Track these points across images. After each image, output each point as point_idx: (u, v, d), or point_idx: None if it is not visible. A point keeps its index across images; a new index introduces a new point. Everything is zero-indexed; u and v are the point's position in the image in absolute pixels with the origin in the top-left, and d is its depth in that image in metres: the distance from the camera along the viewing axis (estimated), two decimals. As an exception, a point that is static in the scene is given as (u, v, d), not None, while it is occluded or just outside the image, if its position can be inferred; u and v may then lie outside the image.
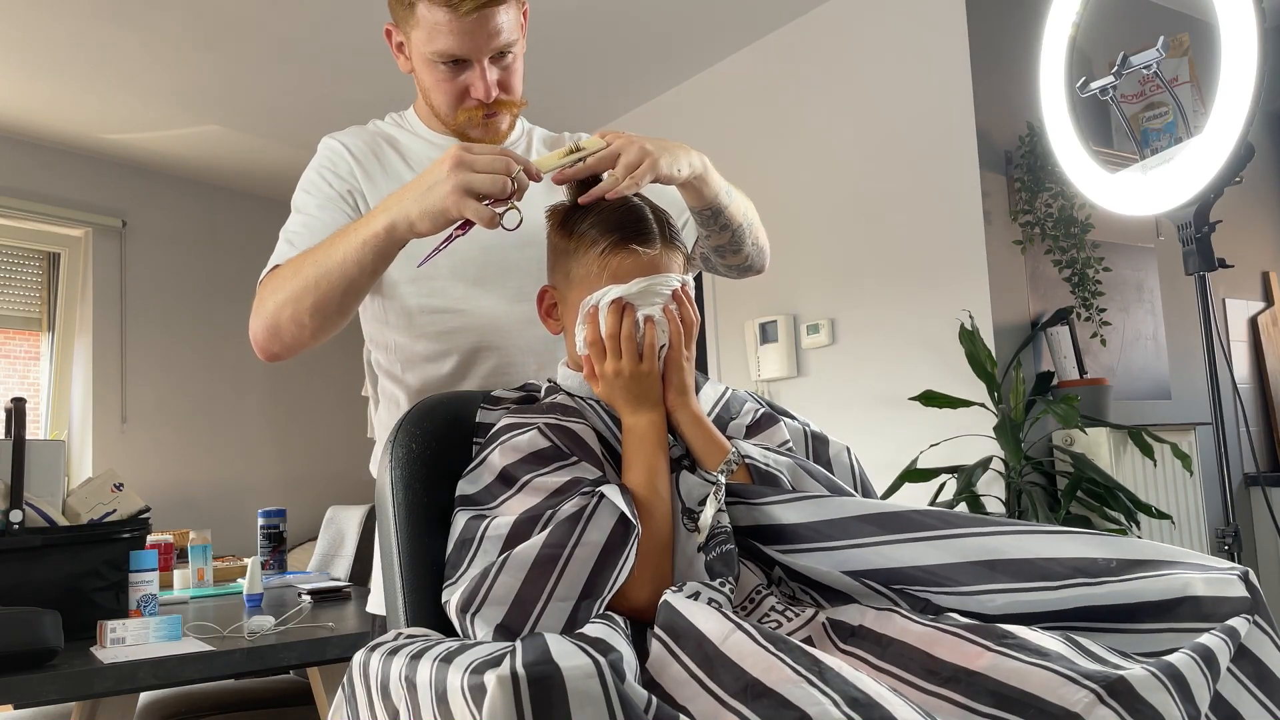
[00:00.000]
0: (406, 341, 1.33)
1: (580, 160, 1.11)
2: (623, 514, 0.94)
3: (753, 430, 1.15)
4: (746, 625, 0.80)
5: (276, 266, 1.22)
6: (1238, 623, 0.81)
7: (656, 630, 0.85)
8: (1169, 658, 0.75)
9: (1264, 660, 0.82)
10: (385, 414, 1.41)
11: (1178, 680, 0.73)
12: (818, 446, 1.18)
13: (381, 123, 1.40)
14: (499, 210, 1.04)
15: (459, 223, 1.06)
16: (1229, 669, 0.79)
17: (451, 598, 0.96)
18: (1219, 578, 0.85)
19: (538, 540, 0.92)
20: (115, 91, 3.62)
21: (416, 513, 1.07)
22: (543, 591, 0.90)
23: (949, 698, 0.78)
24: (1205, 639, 0.78)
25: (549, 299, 1.14)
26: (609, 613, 0.92)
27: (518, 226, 1.09)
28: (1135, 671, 0.74)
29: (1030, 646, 0.78)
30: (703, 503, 1.02)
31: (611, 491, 0.95)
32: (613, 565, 0.93)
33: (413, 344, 1.32)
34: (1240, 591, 0.84)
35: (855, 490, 1.15)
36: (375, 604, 1.36)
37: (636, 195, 1.13)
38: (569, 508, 0.94)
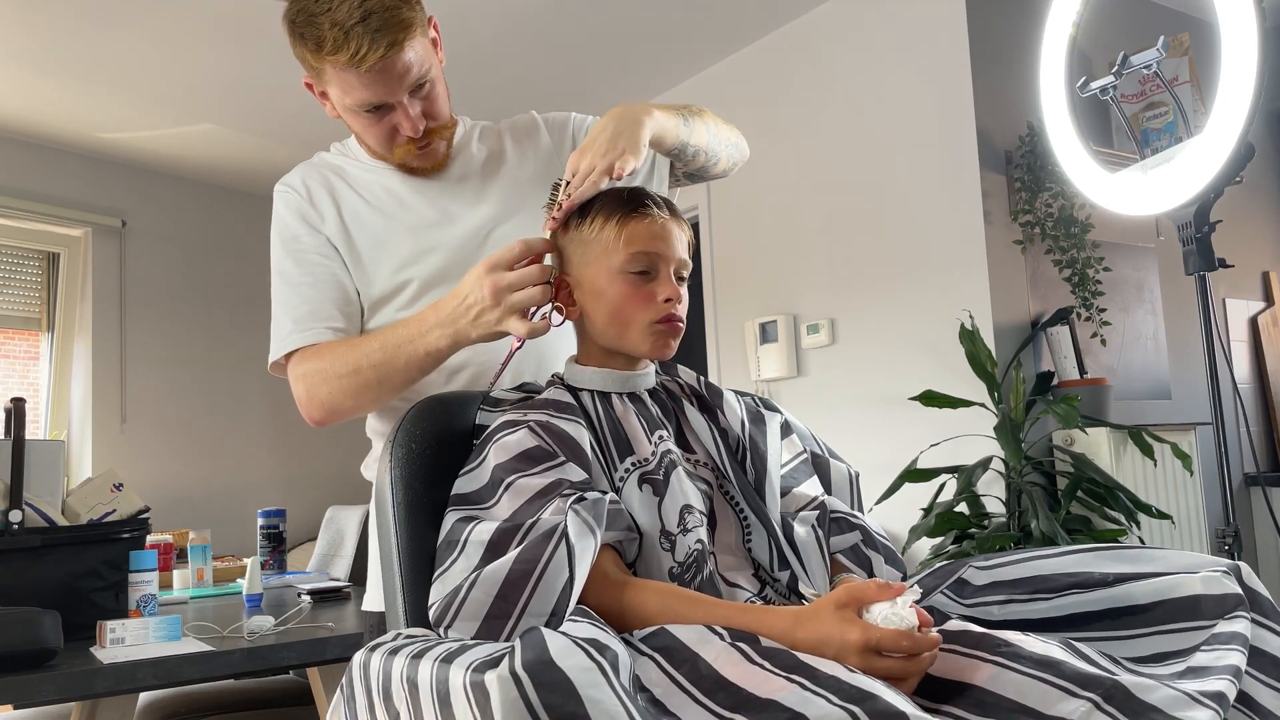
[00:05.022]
0: None
1: (564, 197, 1.15)
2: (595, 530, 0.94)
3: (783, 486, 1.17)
4: (740, 644, 0.81)
5: (308, 350, 1.28)
6: (1243, 627, 0.82)
7: (650, 651, 0.85)
8: (1219, 686, 0.76)
9: (1269, 650, 0.83)
10: (373, 419, 1.42)
11: (1220, 699, 0.75)
12: (819, 466, 1.24)
13: (327, 155, 1.42)
14: (547, 313, 1.13)
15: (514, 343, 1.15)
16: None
17: (430, 608, 0.97)
18: (1210, 576, 0.86)
19: (510, 558, 0.92)
20: (115, 91, 3.62)
21: (417, 512, 1.07)
22: (514, 608, 0.90)
23: (948, 713, 0.78)
24: (1235, 659, 0.79)
25: (564, 289, 1.15)
26: (590, 610, 0.92)
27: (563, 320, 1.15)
28: (1132, 678, 0.75)
29: (1026, 655, 0.79)
30: (683, 529, 1.03)
31: (585, 507, 0.95)
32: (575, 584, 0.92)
33: None
34: (1233, 588, 0.85)
35: (850, 506, 1.21)
36: (371, 601, 1.36)
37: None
38: (547, 517, 0.94)
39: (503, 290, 1.09)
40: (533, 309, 1.11)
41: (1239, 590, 0.85)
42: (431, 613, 0.95)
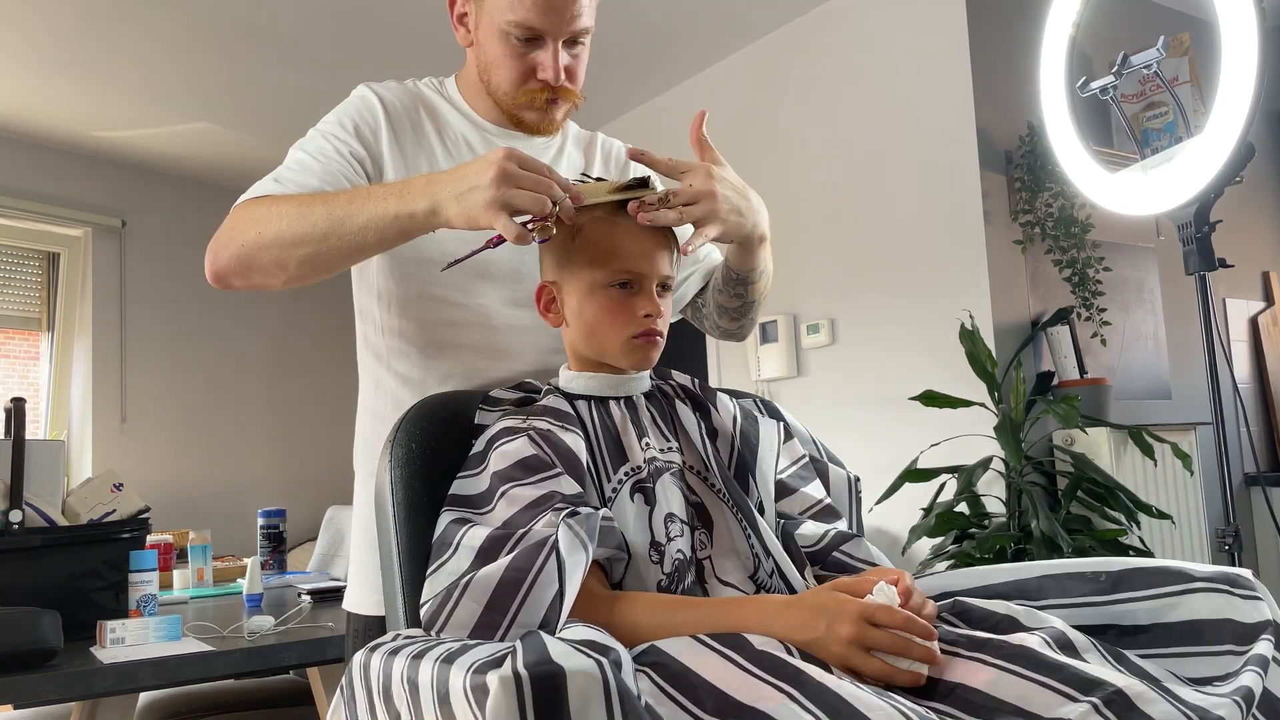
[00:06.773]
0: (399, 323, 1.28)
1: (637, 197, 1.08)
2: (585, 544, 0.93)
3: (782, 490, 1.16)
4: (728, 652, 0.81)
5: (263, 196, 1.14)
6: (1265, 648, 0.82)
7: (641, 667, 0.85)
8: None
9: None
10: (369, 396, 1.36)
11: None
12: (818, 471, 1.23)
13: (422, 85, 1.34)
14: (531, 228, 1.02)
15: (494, 236, 1.03)
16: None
17: (421, 606, 0.96)
18: (1243, 601, 0.86)
19: (501, 564, 0.91)
20: (114, 91, 3.61)
21: (417, 512, 1.07)
22: (504, 617, 0.89)
23: (947, 712, 0.78)
24: (1248, 679, 0.79)
25: (547, 294, 1.14)
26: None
27: (546, 240, 1.07)
28: (1135, 685, 0.74)
29: (1029, 657, 0.79)
30: (668, 538, 1.03)
31: (577, 521, 0.94)
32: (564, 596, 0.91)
33: (404, 324, 1.28)
34: (1265, 615, 0.85)
35: (846, 516, 1.20)
36: (351, 602, 1.31)
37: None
38: (539, 528, 0.93)
39: (508, 179, 0.99)
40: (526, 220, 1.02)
41: (1271, 618, 0.85)
42: (423, 613, 0.95)
